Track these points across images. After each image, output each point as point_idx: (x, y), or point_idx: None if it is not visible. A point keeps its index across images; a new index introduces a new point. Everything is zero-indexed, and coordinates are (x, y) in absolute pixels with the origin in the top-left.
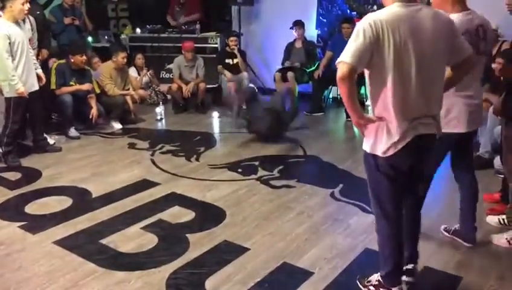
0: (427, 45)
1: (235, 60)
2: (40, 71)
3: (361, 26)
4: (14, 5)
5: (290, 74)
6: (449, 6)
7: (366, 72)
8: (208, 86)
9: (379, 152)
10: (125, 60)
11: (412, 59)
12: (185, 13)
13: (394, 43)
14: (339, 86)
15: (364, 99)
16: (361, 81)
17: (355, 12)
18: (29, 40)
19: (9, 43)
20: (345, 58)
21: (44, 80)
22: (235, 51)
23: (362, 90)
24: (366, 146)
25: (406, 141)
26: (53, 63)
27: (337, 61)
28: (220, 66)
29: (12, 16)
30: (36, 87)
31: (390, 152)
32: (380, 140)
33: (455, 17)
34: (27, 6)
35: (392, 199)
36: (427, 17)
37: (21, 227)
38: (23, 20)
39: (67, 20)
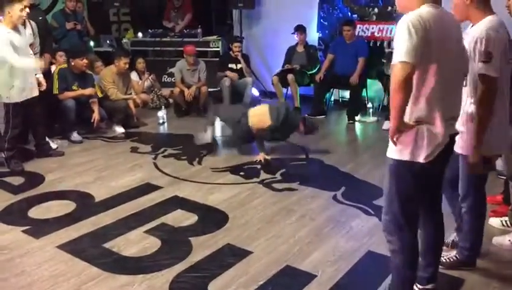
0: (456, 46)
1: (239, 66)
2: (40, 76)
3: (408, 24)
4: (13, 11)
5: (290, 77)
6: (473, 9)
7: None
8: (210, 90)
9: (421, 158)
10: (127, 65)
11: (449, 57)
12: (181, 17)
13: (437, 39)
14: (396, 91)
15: (367, 102)
16: (363, 84)
17: (356, 15)
18: (31, 45)
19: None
20: (404, 58)
21: (44, 85)
22: (239, 57)
23: (364, 94)
24: (401, 154)
25: (444, 143)
26: (60, 58)
27: (392, 63)
28: (219, 73)
29: (11, 22)
30: (36, 93)
31: (431, 157)
32: (422, 145)
33: (496, 20)
34: (25, 12)
35: (420, 204)
36: (449, 19)
37: (24, 231)
38: (24, 25)
39: (69, 25)
